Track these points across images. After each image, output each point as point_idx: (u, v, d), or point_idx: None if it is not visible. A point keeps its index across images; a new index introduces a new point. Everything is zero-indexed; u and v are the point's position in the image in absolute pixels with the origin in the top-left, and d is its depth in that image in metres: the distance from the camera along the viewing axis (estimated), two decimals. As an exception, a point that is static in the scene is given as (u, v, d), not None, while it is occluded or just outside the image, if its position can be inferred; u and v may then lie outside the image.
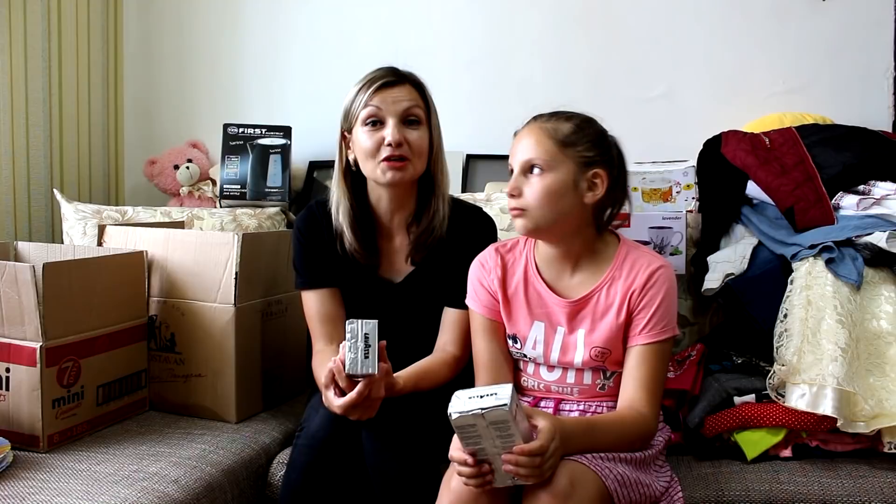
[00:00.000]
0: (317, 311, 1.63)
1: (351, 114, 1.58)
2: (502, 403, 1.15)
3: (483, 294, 1.51)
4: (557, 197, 1.39)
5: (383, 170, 1.54)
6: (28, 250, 1.93)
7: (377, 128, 1.55)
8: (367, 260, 1.62)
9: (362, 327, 1.33)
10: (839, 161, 1.88)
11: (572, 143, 1.41)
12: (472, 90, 2.56)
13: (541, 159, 1.39)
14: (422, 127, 1.58)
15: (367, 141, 1.55)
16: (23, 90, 2.38)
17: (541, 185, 1.39)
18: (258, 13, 2.72)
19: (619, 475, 1.27)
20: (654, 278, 1.41)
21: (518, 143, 1.44)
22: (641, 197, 2.11)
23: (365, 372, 1.33)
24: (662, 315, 1.41)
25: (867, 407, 1.50)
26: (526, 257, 1.51)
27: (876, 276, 1.66)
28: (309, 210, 1.68)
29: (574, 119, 1.44)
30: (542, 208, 1.39)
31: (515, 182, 1.41)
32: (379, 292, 1.65)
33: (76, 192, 2.60)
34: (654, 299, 1.41)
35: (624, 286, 1.43)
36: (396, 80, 1.57)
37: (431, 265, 1.63)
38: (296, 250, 1.67)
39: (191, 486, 1.48)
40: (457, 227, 1.64)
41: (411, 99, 1.57)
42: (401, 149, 1.54)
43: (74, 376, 1.65)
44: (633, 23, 2.49)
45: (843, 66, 2.36)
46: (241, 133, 2.50)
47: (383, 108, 1.54)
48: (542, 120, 1.44)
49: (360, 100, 1.56)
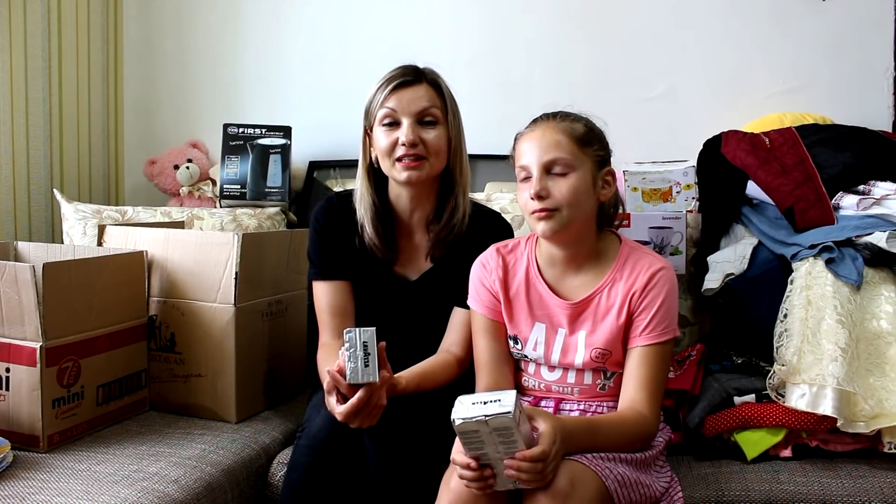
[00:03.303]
0: (327, 302, 1.62)
1: (370, 113, 1.60)
2: (506, 411, 1.15)
3: (484, 294, 1.51)
4: (584, 197, 1.40)
5: (399, 169, 1.55)
6: (28, 250, 1.93)
7: (393, 128, 1.56)
8: (385, 255, 1.62)
9: (360, 336, 1.32)
10: (839, 161, 1.88)
11: (588, 142, 1.42)
12: (472, 90, 2.55)
13: (566, 159, 1.38)
14: (439, 126, 1.57)
15: (384, 141, 1.56)
16: (23, 90, 2.38)
17: (569, 184, 1.38)
18: (258, 13, 2.72)
19: (619, 475, 1.28)
20: (655, 279, 1.41)
21: (534, 143, 1.41)
22: (641, 197, 2.11)
23: (366, 380, 1.33)
24: (663, 316, 1.41)
25: (867, 407, 1.50)
26: (527, 258, 1.50)
27: (876, 276, 1.66)
28: (329, 201, 1.68)
29: (581, 119, 1.45)
30: (571, 208, 1.38)
31: (541, 183, 1.38)
32: (393, 289, 1.65)
33: (76, 192, 2.60)
34: (654, 301, 1.41)
35: (625, 287, 1.42)
36: (413, 79, 1.58)
37: (448, 265, 1.63)
38: (312, 240, 1.67)
39: (191, 486, 1.48)
40: (476, 229, 1.64)
41: (428, 99, 1.57)
42: (415, 148, 1.54)
43: (74, 376, 1.65)
44: (633, 23, 2.49)
45: (843, 66, 2.36)
46: (241, 133, 2.50)
47: (398, 110, 1.55)
48: (554, 120, 1.43)
49: (377, 99, 1.58)
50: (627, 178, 2.11)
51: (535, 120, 1.47)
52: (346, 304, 1.63)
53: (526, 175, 1.41)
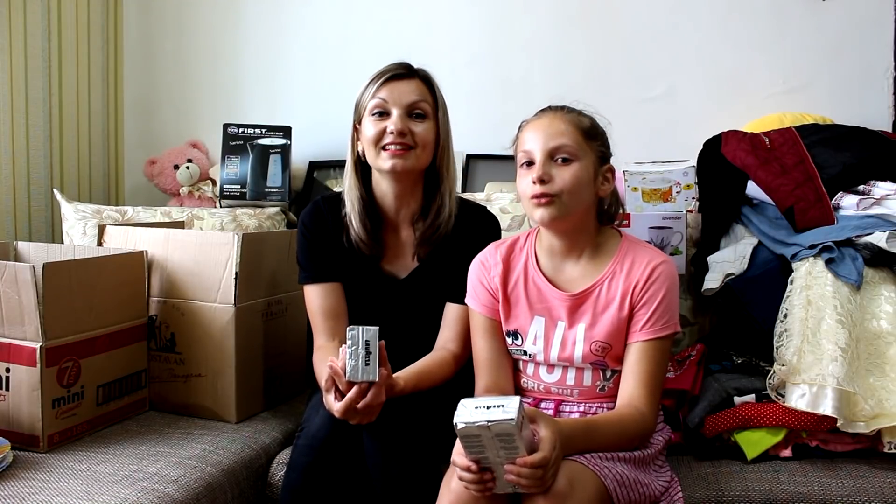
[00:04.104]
0: (319, 305, 1.63)
1: (360, 105, 1.61)
2: (509, 418, 1.14)
3: (483, 293, 1.51)
4: (584, 187, 1.41)
5: (384, 157, 1.56)
6: (28, 250, 1.93)
7: (382, 118, 1.57)
8: (372, 250, 1.62)
9: (363, 334, 1.33)
10: (839, 161, 1.88)
11: (593, 136, 1.44)
12: (472, 90, 2.56)
13: (571, 147, 1.40)
14: (427, 121, 1.59)
15: (372, 129, 1.57)
16: (23, 90, 2.38)
17: (571, 172, 1.39)
18: (258, 13, 2.72)
19: (617, 475, 1.28)
20: (655, 274, 1.41)
21: (540, 130, 1.42)
22: (641, 197, 2.11)
23: (365, 379, 1.33)
24: (664, 311, 1.41)
25: (867, 407, 1.50)
26: (526, 253, 1.51)
27: (876, 276, 1.66)
28: (315, 205, 1.68)
29: (588, 115, 1.46)
30: (571, 196, 1.39)
31: (545, 167, 1.39)
32: (383, 288, 1.65)
33: (76, 192, 2.60)
34: (655, 295, 1.41)
35: (626, 281, 1.42)
36: (406, 73, 1.60)
37: (436, 262, 1.63)
38: (300, 244, 1.67)
39: (191, 486, 1.48)
40: (463, 224, 1.64)
41: (419, 93, 1.58)
42: (403, 138, 1.55)
43: (74, 376, 1.65)
44: (633, 23, 2.49)
45: (843, 66, 2.36)
46: (241, 133, 2.50)
47: (389, 101, 1.57)
48: (562, 111, 1.45)
49: (369, 91, 1.59)
50: (627, 178, 2.11)
51: (542, 109, 1.48)
52: (339, 306, 1.63)
53: (528, 160, 1.42)
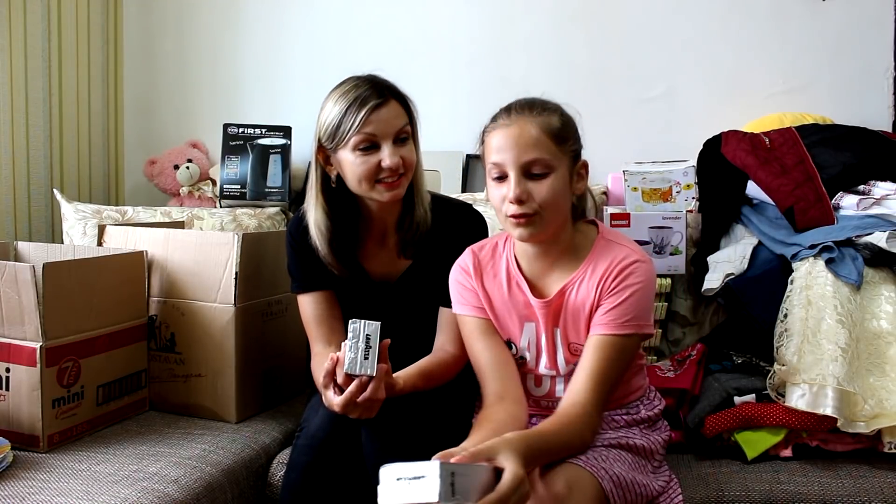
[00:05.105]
0: (312, 313, 1.63)
1: (338, 134, 1.51)
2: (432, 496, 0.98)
3: (469, 295, 1.46)
4: (562, 196, 1.34)
5: (380, 191, 1.52)
6: (28, 250, 1.93)
7: (371, 152, 1.51)
8: (341, 273, 1.60)
9: (365, 328, 1.33)
10: (839, 161, 1.88)
11: (564, 138, 1.34)
12: (472, 90, 2.56)
13: (545, 160, 1.31)
14: (409, 140, 1.56)
15: (362, 166, 1.51)
16: (23, 90, 2.38)
17: (548, 186, 1.31)
18: (258, 13, 2.72)
19: (614, 476, 1.26)
20: (628, 270, 1.34)
21: (510, 140, 1.32)
22: (641, 197, 2.11)
23: (363, 372, 1.33)
24: (630, 307, 1.32)
25: (867, 407, 1.50)
26: (506, 259, 1.45)
27: (876, 276, 1.66)
28: (300, 216, 1.67)
29: (556, 110, 1.36)
30: (553, 211, 1.32)
31: (521, 186, 1.30)
32: (375, 293, 1.65)
33: (76, 192, 2.60)
34: (624, 290, 1.33)
35: (597, 279, 1.36)
36: (384, 99, 1.52)
37: (424, 263, 1.62)
38: (289, 255, 1.67)
39: (191, 486, 1.48)
40: (446, 223, 1.63)
41: (400, 116, 1.53)
42: (398, 169, 1.51)
43: (74, 376, 1.65)
44: (633, 22, 2.49)
45: (843, 66, 2.36)
46: (241, 133, 2.50)
47: (378, 134, 1.50)
48: (530, 113, 1.34)
49: (350, 121, 1.50)
50: (627, 178, 2.11)
51: (506, 110, 1.37)
52: (332, 313, 1.63)
53: (500, 174, 1.33)
